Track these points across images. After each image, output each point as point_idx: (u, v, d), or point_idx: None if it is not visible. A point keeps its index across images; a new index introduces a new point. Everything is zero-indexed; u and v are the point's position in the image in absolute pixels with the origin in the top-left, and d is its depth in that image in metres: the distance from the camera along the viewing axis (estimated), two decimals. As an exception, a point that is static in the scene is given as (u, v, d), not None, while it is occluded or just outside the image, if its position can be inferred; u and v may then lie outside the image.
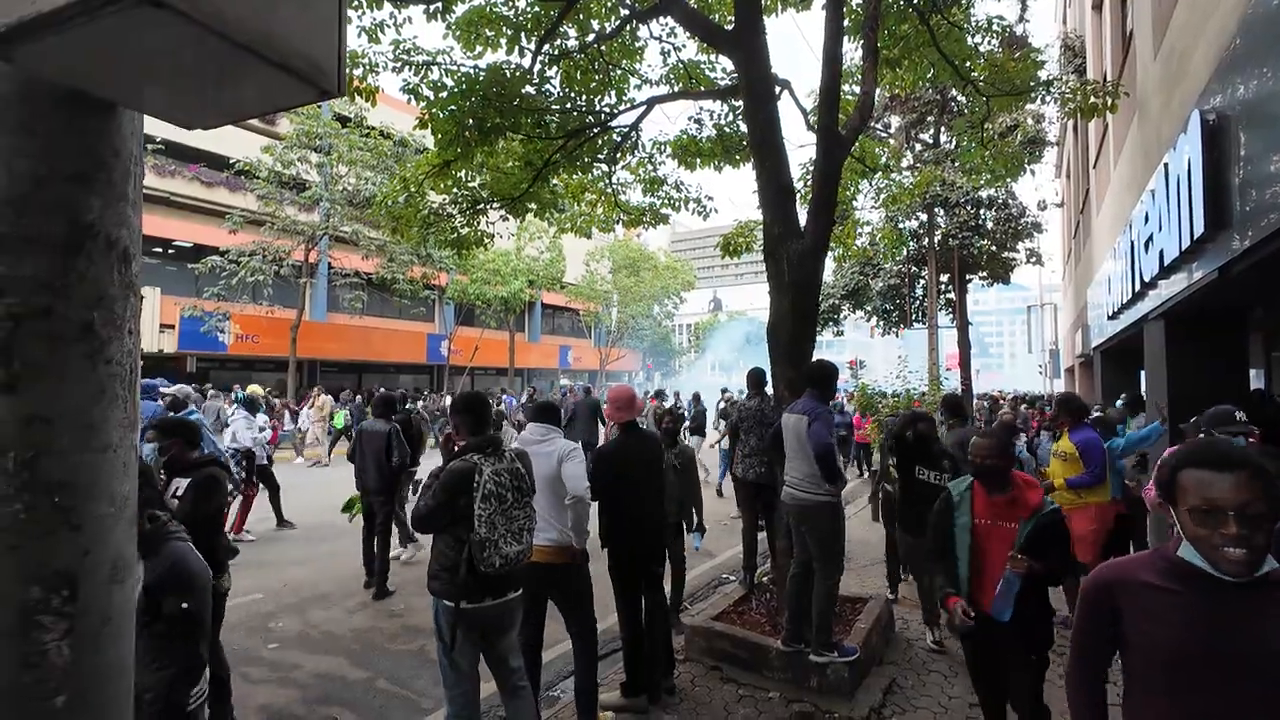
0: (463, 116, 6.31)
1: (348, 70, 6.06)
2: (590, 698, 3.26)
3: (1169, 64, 5.25)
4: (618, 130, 7.48)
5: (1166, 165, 4.62)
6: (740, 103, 6.39)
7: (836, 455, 3.54)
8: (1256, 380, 10.18)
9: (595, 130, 7.18)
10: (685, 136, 7.93)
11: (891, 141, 14.01)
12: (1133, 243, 6.13)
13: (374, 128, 16.81)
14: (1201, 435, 3.42)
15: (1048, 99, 7.48)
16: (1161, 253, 4.83)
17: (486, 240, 8.48)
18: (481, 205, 7.76)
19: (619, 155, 7.96)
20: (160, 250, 19.73)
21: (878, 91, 16.30)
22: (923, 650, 4.33)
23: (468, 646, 2.61)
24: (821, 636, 3.63)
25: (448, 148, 6.65)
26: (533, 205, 7.94)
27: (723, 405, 11.32)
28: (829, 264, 20.59)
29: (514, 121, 6.51)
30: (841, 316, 19.12)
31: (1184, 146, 4.11)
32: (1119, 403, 6.91)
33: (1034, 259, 16.57)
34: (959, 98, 15.95)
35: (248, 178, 16.85)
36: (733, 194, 14.48)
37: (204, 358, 19.43)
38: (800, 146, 6.87)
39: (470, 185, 7.38)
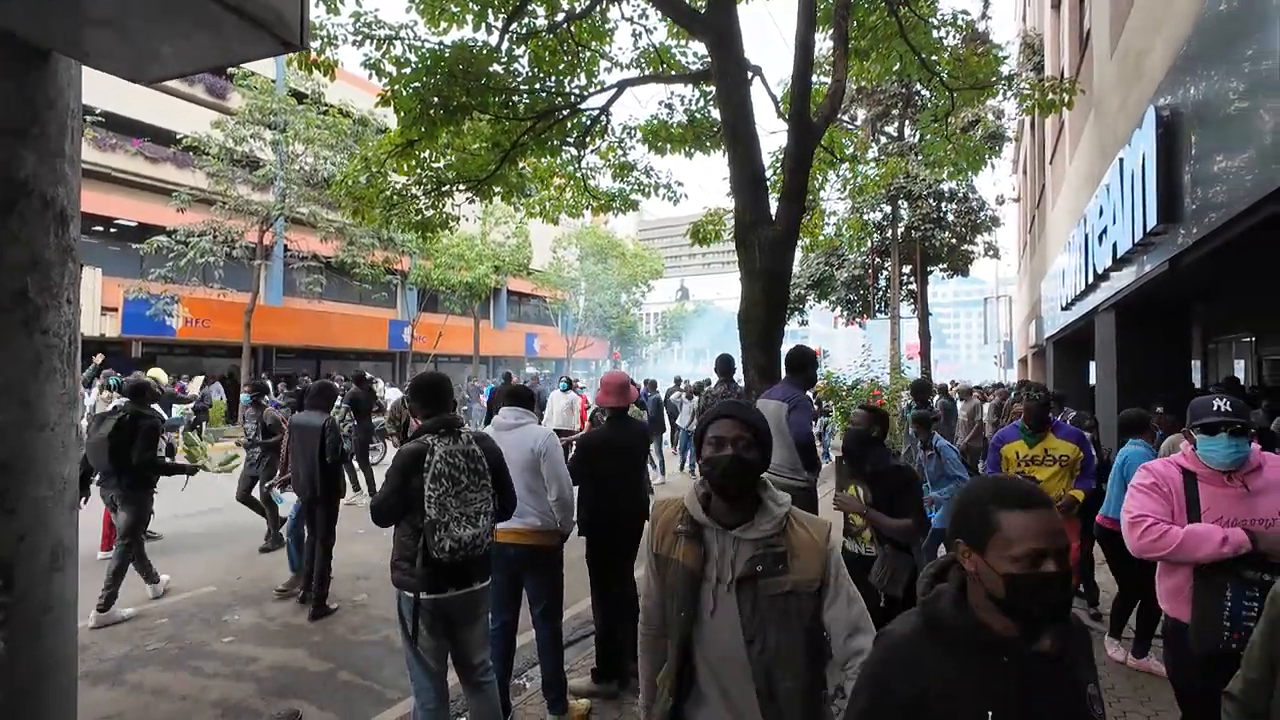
0: (427, 94, 6.12)
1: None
2: (560, 688, 3.24)
3: (1125, 63, 5.42)
4: (587, 113, 7.37)
5: (1122, 160, 4.78)
6: (712, 88, 6.38)
7: (816, 443, 3.59)
8: (1195, 370, 10.73)
9: (565, 113, 7.06)
10: (656, 121, 7.87)
11: (859, 134, 14.17)
12: (1087, 236, 6.35)
13: (332, 105, 16.21)
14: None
15: (1008, 95, 7.66)
16: (1115, 245, 5.01)
17: (452, 223, 8.29)
18: (447, 187, 7.57)
19: (589, 139, 7.85)
20: (101, 229, 18.73)
21: (846, 85, 16.41)
22: (885, 630, 4.45)
23: (433, 640, 2.53)
24: None
25: (411, 126, 6.45)
26: (500, 188, 7.79)
27: (678, 395, 11.34)
28: (796, 254, 20.88)
29: (481, 101, 6.34)
30: (807, 306, 19.40)
31: (1139, 142, 4.25)
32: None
33: (991, 252, 17.08)
34: (923, 92, 16.29)
35: (196, 154, 16.06)
36: (703, 181, 14.47)
37: (151, 342, 18.57)
38: (771, 133, 6.88)
39: (435, 166, 7.18)
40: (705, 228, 8.79)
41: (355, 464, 8.40)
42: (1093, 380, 13.83)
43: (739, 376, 4.94)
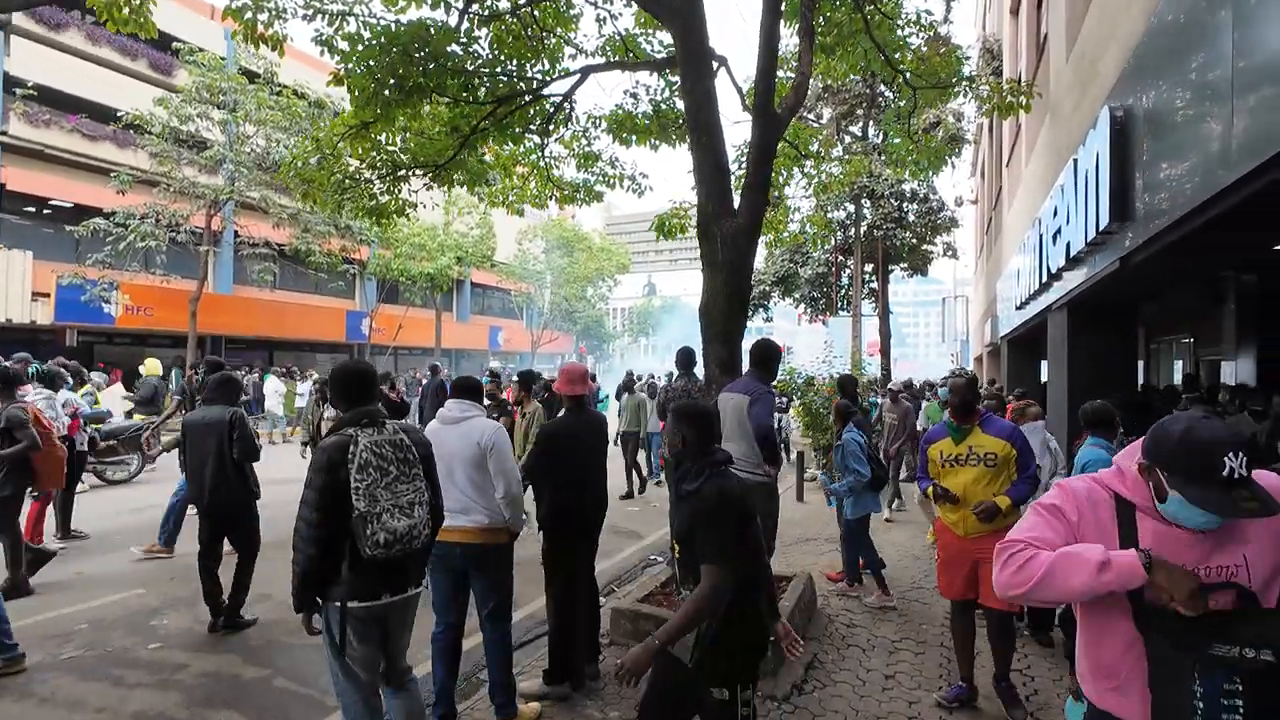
0: (381, 73, 5.85)
1: (250, 17, 5.47)
2: (509, 692, 3.11)
3: (1080, 67, 5.53)
4: (551, 100, 7.19)
5: (1076, 161, 4.85)
6: (678, 79, 6.28)
7: (777, 437, 3.53)
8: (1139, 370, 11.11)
9: (528, 99, 6.86)
10: (621, 111, 7.74)
11: (824, 131, 14.29)
12: (1041, 236, 6.48)
13: (286, 86, 15.55)
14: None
15: (968, 96, 7.77)
16: (1068, 245, 5.10)
17: (409, 209, 8.02)
18: (403, 172, 7.31)
19: (552, 127, 7.67)
20: (34, 210, 17.64)
21: (811, 82, 16.59)
22: (843, 626, 4.43)
23: (364, 649, 2.36)
24: None
25: (365, 107, 6.17)
26: (459, 175, 7.55)
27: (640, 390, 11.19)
28: (760, 251, 21.03)
29: (438, 83, 6.10)
30: (772, 303, 19.54)
31: (1093, 143, 4.31)
32: (942, 390, 6.39)
33: (950, 252, 17.47)
34: (887, 93, 16.54)
35: (138, 132, 15.22)
36: (668, 174, 14.43)
37: (87, 331, 17.59)
38: (735, 123, 6.80)
39: (390, 149, 6.90)
40: (670, 221, 8.69)
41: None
42: (1045, 378, 14.27)
43: (700, 370, 4.87)
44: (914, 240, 16.94)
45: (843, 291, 18.39)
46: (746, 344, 4.17)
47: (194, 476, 4.14)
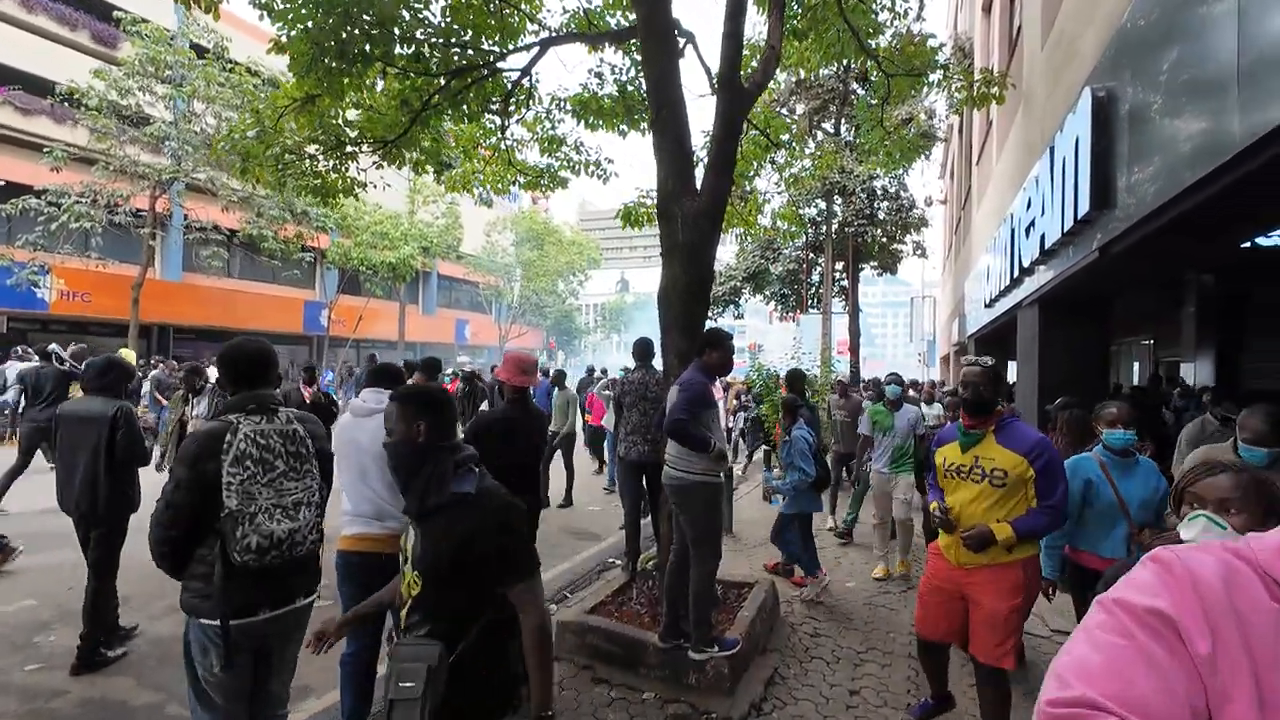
0: (321, 39, 5.39)
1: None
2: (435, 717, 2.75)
3: (1056, 51, 5.35)
4: (509, 75, 6.79)
5: (1052, 149, 4.66)
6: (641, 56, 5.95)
7: (690, 429, 3.16)
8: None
9: (485, 73, 6.45)
10: (585, 93, 7.38)
11: (795, 129, 14.12)
12: (1013, 230, 6.33)
13: (238, 63, 14.75)
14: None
15: (942, 87, 7.60)
16: (1043, 237, 4.91)
17: (358, 189, 7.54)
18: (351, 148, 6.84)
19: (513, 106, 7.27)
20: (-41, 186, 16.48)
21: (783, 76, 16.32)
22: (806, 636, 4.16)
23: (233, 677, 1.99)
24: (699, 631, 3.32)
25: (305, 76, 5.69)
26: (411, 153, 7.11)
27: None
28: (731, 246, 20.82)
29: (385, 51, 5.67)
30: (742, 299, 19.35)
31: (1072, 128, 4.11)
32: (890, 387, 5.50)
33: (919, 251, 17.49)
34: (859, 91, 16.46)
35: (75, 106, 14.27)
36: (636, 163, 14.08)
37: (18, 317, 16.49)
38: (700, 96, 6.47)
39: (332, 121, 6.42)
40: (637, 210, 8.36)
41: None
42: (1012, 377, 14.37)
43: (659, 363, 4.54)
44: (884, 239, 16.91)
45: (813, 289, 18.30)
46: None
47: (64, 479, 3.51)
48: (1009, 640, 2.53)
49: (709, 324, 4.17)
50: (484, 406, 8.06)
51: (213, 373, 6.79)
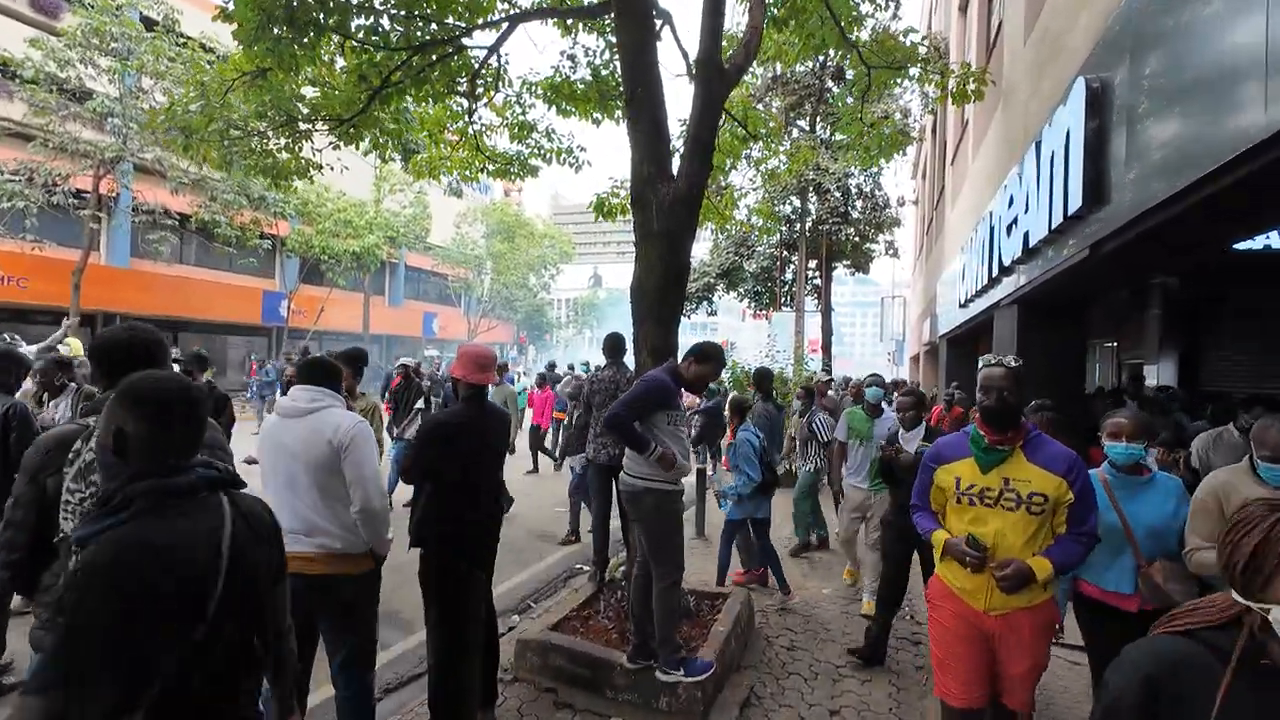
0: (268, 4, 4.97)
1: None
2: (373, 757, 2.44)
3: (1042, 45, 5.23)
4: (476, 54, 6.42)
5: (1039, 145, 4.52)
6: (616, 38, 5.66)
7: (627, 424, 2.93)
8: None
9: (450, 50, 6.08)
10: (558, 76, 7.06)
11: (772, 124, 13.99)
12: (993, 229, 6.22)
13: (191, 38, 13.95)
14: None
15: (922, 84, 7.50)
16: (1026, 235, 4.78)
17: (313, 170, 7.10)
18: (304, 126, 6.42)
19: (481, 88, 6.92)
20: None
21: (760, 70, 16.13)
22: (783, 650, 3.95)
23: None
24: (665, 651, 3.07)
25: (252, 45, 5.27)
26: (371, 133, 6.70)
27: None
28: (706, 242, 20.66)
29: (339, 20, 5.28)
30: (716, 296, 19.20)
31: (1062, 121, 3.96)
32: (871, 390, 4.84)
33: (891, 251, 17.56)
34: (834, 89, 16.41)
35: (9, 78, 13.32)
36: (609, 148, 13.59)
37: (-54, 303, 15.44)
38: (677, 76, 6.19)
39: (283, 95, 5.98)
40: (610, 200, 8.06)
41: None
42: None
43: (631, 359, 4.28)
44: (857, 238, 16.95)
45: (787, 287, 18.25)
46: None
47: None
48: (1037, 681, 2.26)
49: (684, 321, 3.94)
50: (420, 405, 7.58)
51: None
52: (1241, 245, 5.51)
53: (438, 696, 2.77)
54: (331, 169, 7.45)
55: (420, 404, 7.46)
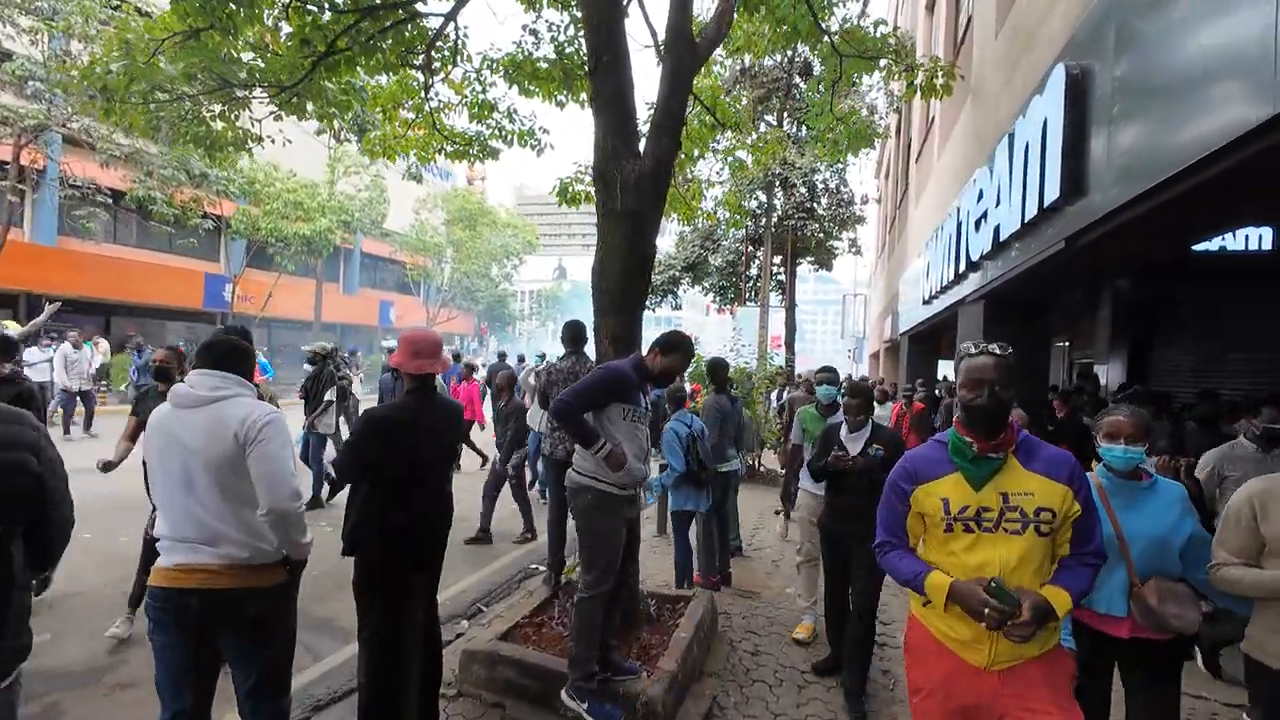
0: (203, -46, 4.54)
1: None
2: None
3: (1015, 38, 5.16)
4: (431, 24, 6.04)
5: (1011, 136, 4.44)
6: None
7: (572, 413, 2.72)
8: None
9: (403, 16, 5.69)
10: (520, 53, 6.74)
11: (741, 111, 13.87)
12: (960, 225, 6.18)
13: (127, 0, 12.97)
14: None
15: (893, 76, 7.42)
16: (997, 229, 4.70)
17: (252, 142, 6.62)
18: (241, 93, 5.93)
19: (437, 62, 6.55)
20: None
21: (729, 63, 16.00)
22: (747, 655, 3.77)
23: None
24: (575, 672, 2.80)
25: (186, 1, 4.81)
26: (316, 104, 6.25)
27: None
28: (672, 235, 20.48)
29: (281, -26, 4.86)
30: (681, 290, 19.05)
31: (1038, 111, 3.86)
32: (822, 388, 4.29)
33: (855, 248, 17.70)
34: (802, 85, 16.39)
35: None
36: (574, 132, 13.12)
37: None
38: (645, 47, 5.91)
39: (217, 59, 5.49)
40: (574, 186, 7.77)
41: None
42: (941, 374, 14.71)
43: (591, 349, 4.02)
44: (821, 234, 17.02)
45: (751, 282, 18.22)
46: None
47: None
48: None
49: (649, 314, 3.70)
50: (330, 397, 7.06)
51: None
52: (1199, 247, 5.59)
53: (369, 712, 2.49)
54: (273, 142, 6.95)
55: (331, 395, 6.92)
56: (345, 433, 7.10)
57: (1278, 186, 2.64)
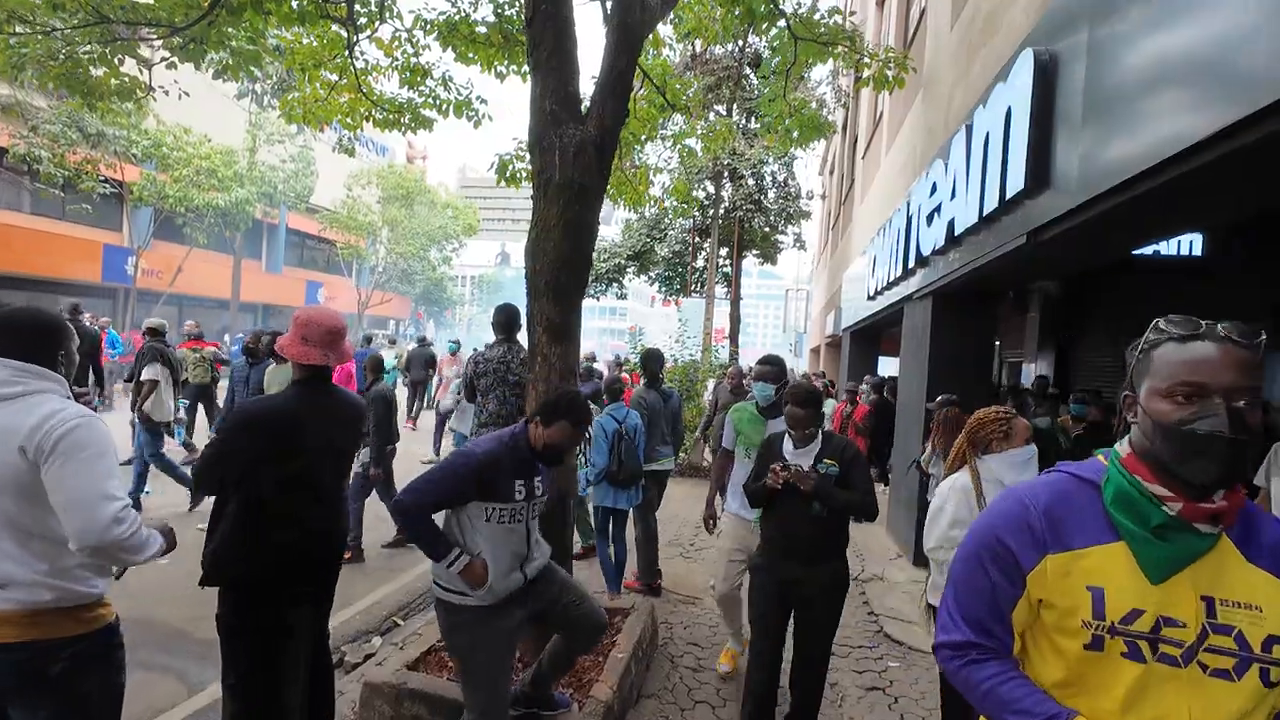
0: None
1: None
2: None
3: (972, 28, 5.03)
4: (354, -32, 5.43)
5: (969, 128, 4.29)
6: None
7: (414, 516, 2.18)
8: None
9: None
10: (456, 13, 6.20)
11: (692, 93, 13.61)
12: (910, 219, 6.08)
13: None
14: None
15: (848, 64, 7.28)
16: (951, 223, 4.56)
17: (140, 92, 5.82)
18: (127, 33, 5.18)
19: (364, 18, 5.95)
20: None
21: (680, 46, 15.66)
22: (689, 673, 3.49)
23: None
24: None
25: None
26: (218, 53, 5.55)
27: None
28: (618, 222, 20.05)
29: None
30: (626, 279, 18.69)
31: (1001, 98, 3.70)
32: (758, 386, 3.37)
33: (799, 243, 17.80)
34: (752, 77, 16.26)
35: None
36: (519, 105, 12.38)
37: None
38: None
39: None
40: (514, 163, 7.27)
41: None
42: (881, 371, 14.97)
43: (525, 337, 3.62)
44: (767, 228, 17.02)
45: (697, 274, 18.06)
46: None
47: None
48: None
49: (593, 303, 3.34)
50: (149, 376, 6.06)
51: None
52: (1136, 250, 5.68)
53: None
54: (166, 94, 6.15)
55: (153, 373, 5.81)
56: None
57: (1224, 193, 2.53)
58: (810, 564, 2.57)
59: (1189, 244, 5.81)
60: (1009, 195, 3.46)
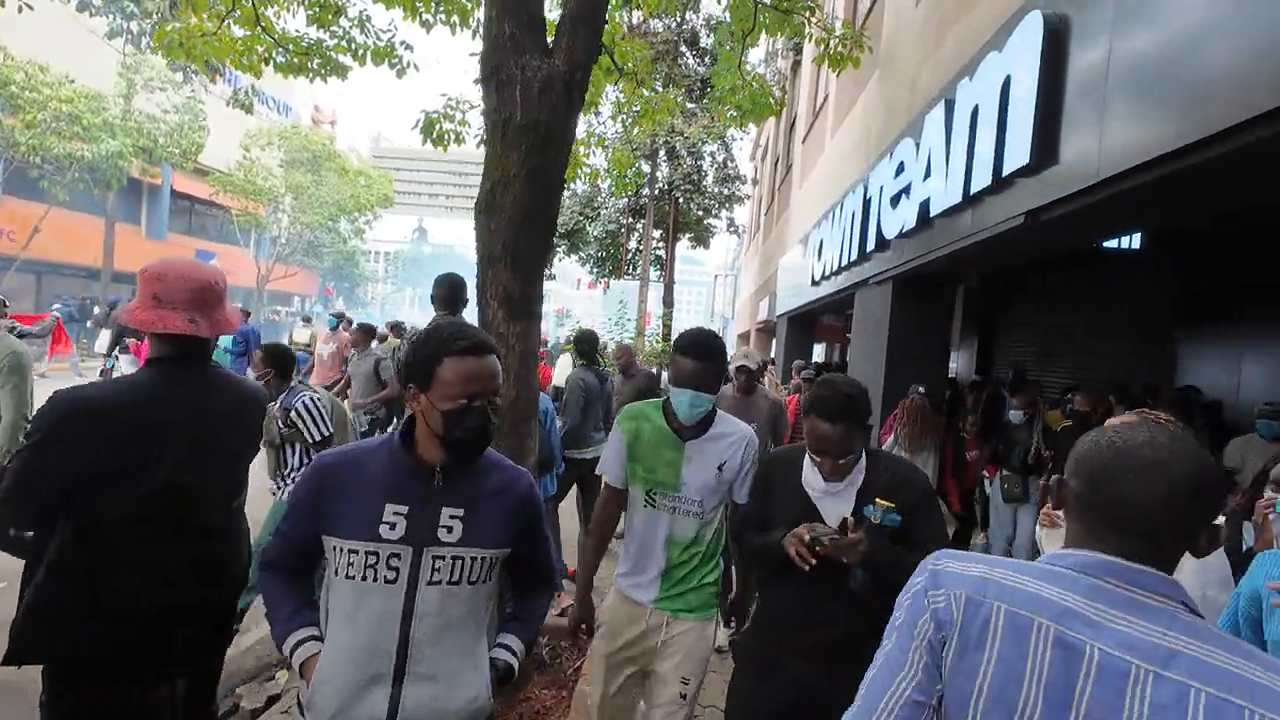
0: None
1: None
2: None
3: (943, 3, 4.83)
4: None
5: (950, 103, 4.06)
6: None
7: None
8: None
9: None
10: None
11: (640, 64, 13.10)
12: (868, 201, 5.89)
13: None
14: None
15: (806, 38, 7.02)
16: (926, 203, 4.35)
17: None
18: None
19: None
20: None
21: (620, 15, 15.06)
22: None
23: None
24: None
25: None
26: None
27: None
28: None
29: None
30: (556, 258, 17.98)
31: (994, 68, 3.46)
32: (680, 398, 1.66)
33: (733, 228, 17.73)
34: (690, 60, 15.88)
35: None
36: (448, 62, 11.06)
37: None
38: None
39: None
40: (441, 122, 6.48)
41: None
42: (817, 356, 15.12)
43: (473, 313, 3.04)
44: (701, 212, 16.81)
45: (630, 255, 17.62)
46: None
47: None
48: None
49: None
50: None
51: None
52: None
53: None
54: (3, 5, 4.98)
55: None
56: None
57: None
58: (832, 659, 1.57)
59: (1131, 238, 5.95)
60: (1006, 172, 3.23)
